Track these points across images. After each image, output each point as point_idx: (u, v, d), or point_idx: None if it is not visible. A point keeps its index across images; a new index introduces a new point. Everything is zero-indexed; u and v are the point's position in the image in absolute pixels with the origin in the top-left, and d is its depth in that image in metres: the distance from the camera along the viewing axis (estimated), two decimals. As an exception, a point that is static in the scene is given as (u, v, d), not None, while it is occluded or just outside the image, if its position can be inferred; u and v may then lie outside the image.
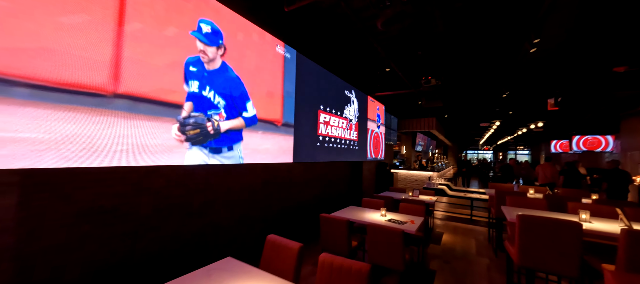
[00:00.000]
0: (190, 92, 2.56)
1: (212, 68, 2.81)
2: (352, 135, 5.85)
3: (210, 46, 2.75)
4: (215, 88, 2.82)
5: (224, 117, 2.92)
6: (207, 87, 2.75)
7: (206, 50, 2.73)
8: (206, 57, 2.74)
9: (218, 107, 2.88)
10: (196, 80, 2.63)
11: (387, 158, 9.59)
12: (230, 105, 2.98)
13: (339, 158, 5.35)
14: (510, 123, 9.84)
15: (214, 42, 2.78)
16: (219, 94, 2.87)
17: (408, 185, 9.72)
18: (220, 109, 2.90)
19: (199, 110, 2.65)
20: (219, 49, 2.86)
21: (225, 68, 2.94)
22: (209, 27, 2.74)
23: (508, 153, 24.05)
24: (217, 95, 2.86)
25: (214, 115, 2.83)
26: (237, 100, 3.07)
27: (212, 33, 2.76)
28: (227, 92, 2.96)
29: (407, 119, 10.11)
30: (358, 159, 6.26)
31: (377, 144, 7.49)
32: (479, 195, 5.97)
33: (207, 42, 2.71)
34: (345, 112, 5.55)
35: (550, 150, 15.02)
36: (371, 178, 7.66)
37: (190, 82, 2.57)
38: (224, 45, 2.90)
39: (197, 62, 2.64)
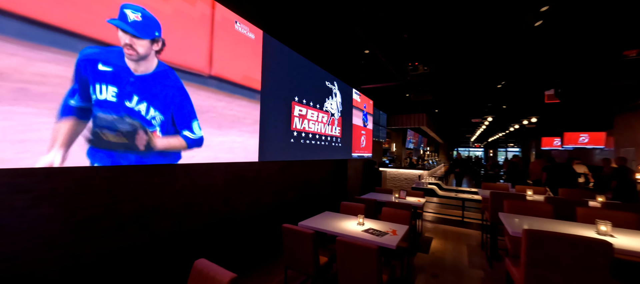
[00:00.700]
0: (99, 101, 1.93)
1: (145, 72, 2.20)
2: (334, 130, 5.32)
3: (140, 38, 2.13)
4: (148, 99, 2.21)
5: (158, 136, 2.31)
6: (134, 96, 2.13)
7: (134, 44, 2.11)
8: (134, 54, 2.12)
9: (152, 125, 2.27)
10: (113, 85, 2.01)
11: (376, 156, 9.12)
12: (168, 123, 2.37)
13: (319, 156, 4.81)
14: (503, 119, 9.49)
15: (146, 32, 2.16)
16: (154, 107, 2.26)
17: (398, 184, 9.28)
18: (156, 127, 2.29)
19: (116, 122, 2.04)
20: (155, 44, 2.24)
21: (167, 74, 2.34)
22: (139, 14, 2.12)
23: (499, 151, 24.06)
24: (152, 109, 2.25)
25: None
26: (181, 117, 2.47)
27: (144, 21, 2.14)
28: (168, 106, 2.35)
29: (397, 115, 9.65)
30: (342, 157, 5.74)
31: (364, 141, 6.98)
32: (470, 195, 5.54)
33: (135, 32, 2.09)
34: (326, 106, 5.01)
35: (540, 147, 14.88)
36: (357, 177, 7.16)
37: (100, 86, 1.94)
38: (163, 40, 2.28)
39: (114, 57, 2.00)
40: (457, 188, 6.74)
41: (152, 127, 2.25)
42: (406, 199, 4.38)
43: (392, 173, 9.37)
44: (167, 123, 2.35)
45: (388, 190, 5.16)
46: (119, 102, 2.03)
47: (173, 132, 2.39)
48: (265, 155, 3.43)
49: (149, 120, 2.23)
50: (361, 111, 6.75)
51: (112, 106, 1.99)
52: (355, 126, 6.40)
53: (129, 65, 2.09)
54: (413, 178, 9.02)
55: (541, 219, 2.44)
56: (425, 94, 5.50)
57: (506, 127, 11.08)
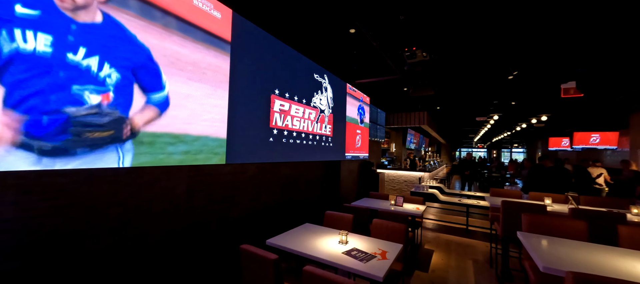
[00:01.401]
0: (21, 53, 1.47)
1: (89, 21, 1.72)
2: (324, 129, 4.79)
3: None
4: (100, 51, 1.74)
5: (111, 98, 1.83)
6: (81, 48, 1.67)
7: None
8: (69, 2, 1.65)
9: (104, 84, 1.79)
10: (47, 33, 1.55)
11: (374, 157, 8.58)
12: (127, 82, 1.89)
13: (305, 158, 4.29)
14: (510, 117, 8.84)
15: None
16: (110, 63, 1.79)
17: (396, 187, 8.74)
18: (109, 88, 1.82)
19: (50, 87, 1.56)
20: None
21: (116, 24, 1.86)
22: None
23: (503, 151, 23.39)
24: (107, 65, 1.78)
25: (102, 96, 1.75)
26: (142, 73, 1.98)
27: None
28: (125, 60, 1.88)
29: (396, 113, 9.10)
30: (334, 158, 5.21)
31: (359, 141, 6.45)
32: (476, 201, 4.99)
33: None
34: (314, 101, 4.48)
35: (547, 148, 14.26)
36: (352, 180, 6.62)
37: (23, 31, 1.48)
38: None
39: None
40: (461, 192, 6.18)
41: (104, 88, 1.79)
42: (403, 206, 3.85)
43: (391, 175, 8.83)
44: (124, 83, 1.90)
45: (384, 196, 4.62)
46: (57, 55, 1.57)
47: (131, 94, 1.91)
48: (235, 156, 2.90)
49: (100, 79, 1.77)
50: (356, 105, 6.22)
51: (44, 62, 1.53)
52: (349, 125, 5.87)
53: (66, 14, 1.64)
54: (413, 181, 8.47)
55: (575, 243, 1.89)
56: (425, 89, 4.95)
57: (513, 126, 10.46)
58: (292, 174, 4.66)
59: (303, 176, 4.97)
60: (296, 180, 4.77)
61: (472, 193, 6.08)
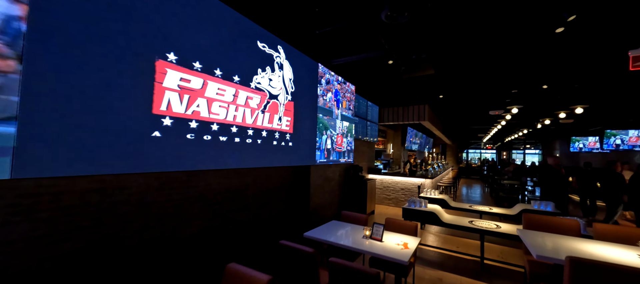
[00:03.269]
0: None
1: None
2: (277, 121, 3.41)
3: None
4: None
5: None
6: None
7: None
8: None
9: None
10: None
11: (365, 160, 7.15)
12: None
13: (244, 162, 2.92)
14: (531, 111, 7.17)
15: None
16: None
17: (392, 196, 7.28)
18: None
19: None
20: None
21: None
22: None
23: (515, 153, 21.58)
24: None
25: None
26: None
27: None
28: None
29: (392, 107, 7.64)
30: (297, 162, 3.82)
31: (340, 139, 5.04)
32: (494, 223, 3.54)
33: None
34: (257, 81, 3.10)
35: (569, 149, 12.60)
36: (331, 190, 5.20)
37: None
38: None
39: None
40: (472, 207, 4.70)
41: None
42: (384, 241, 2.43)
43: (386, 182, 7.38)
44: None
45: (359, 219, 3.20)
46: None
47: None
48: (40, 163, 1.53)
49: None
50: (333, 97, 4.81)
51: None
52: (323, 118, 4.47)
53: None
54: (412, 189, 7.00)
55: None
56: (422, 67, 3.52)
57: (534, 122, 8.85)
58: (232, 186, 3.28)
59: (250, 189, 3.59)
60: (238, 195, 3.39)
61: (484, 208, 4.60)
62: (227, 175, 3.23)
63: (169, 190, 2.62)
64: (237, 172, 3.36)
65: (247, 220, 3.53)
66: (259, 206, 3.73)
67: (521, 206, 4.42)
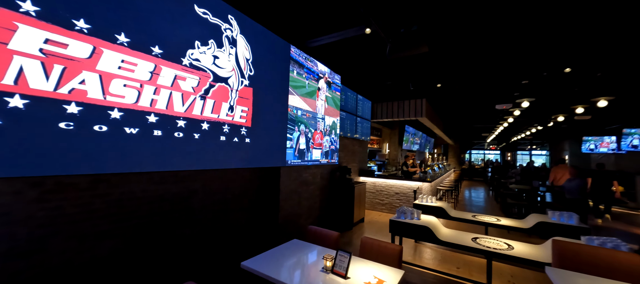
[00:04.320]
0: None
1: None
2: (229, 112, 2.68)
3: None
4: None
5: None
6: None
7: None
8: None
9: None
10: None
11: (355, 161, 6.40)
12: None
13: (167, 165, 2.20)
14: (544, 105, 6.28)
15: None
16: None
17: (385, 201, 6.52)
18: None
19: None
20: None
21: None
22: None
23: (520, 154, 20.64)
24: None
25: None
26: None
27: None
28: None
29: (386, 102, 6.87)
30: (255, 163, 3.09)
31: (319, 137, 4.31)
32: (503, 240, 2.77)
33: None
34: (192, 56, 2.38)
35: (580, 150, 11.74)
36: (309, 196, 4.46)
37: None
38: None
39: None
40: (476, 217, 3.95)
41: None
42: (348, 278, 1.69)
43: (379, 185, 6.62)
44: None
45: (328, 238, 2.48)
46: None
47: None
48: None
49: None
50: (314, 82, 4.08)
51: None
52: (295, 111, 3.74)
53: None
54: (407, 193, 6.24)
55: None
56: (414, 43, 2.78)
57: (545, 119, 7.97)
58: (168, 194, 2.56)
59: (198, 197, 2.86)
60: (178, 204, 2.67)
61: (490, 218, 3.84)
62: (161, 179, 2.51)
63: (58, 201, 1.90)
64: (175, 176, 2.64)
65: (191, 235, 2.80)
66: (211, 217, 3.00)
67: (536, 217, 3.65)
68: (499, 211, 7.17)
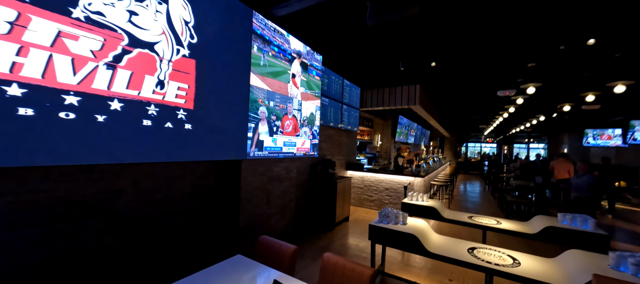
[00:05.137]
0: None
1: None
2: (158, 88, 2.05)
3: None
4: None
5: None
6: None
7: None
8: None
9: None
10: None
11: (342, 154, 5.82)
12: None
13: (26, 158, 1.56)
14: (552, 91, 5.63)
15: None
16: None
17: (374, 198, 5.98)
18: None
19: None
20: None
21: None
22: None
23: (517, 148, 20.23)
24: None
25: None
26: None
27: None
28: None
29: (376, 89, 6.23)
30: (198, 156, 2.48)
31: (291, 125, 3.71)
32: (506, 252, 2.20)
33: None
34: (90, 6, 1.71)
35: (580, 144, 11.30)
36: (279, 194, 3.87)
37: None
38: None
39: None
40: (475, 220, 3.41)
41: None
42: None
43: (368, 180, 6.07)
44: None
45: (280, 254, 1.89)
46: None
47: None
48: None
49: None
50: (285, 60, 3.43)
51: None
52: (261, 89, 3.11)
53: None
54: (398, 189, 5.70)
55: None
56: (403, 3, 2.15)
57: (550, 109, 7.34)
58: (77, 194, 1.95)
59: (127, 197, 2.25)
60: (97, 207, 2.05)
61: (493, 222, 3.30)
62: (62, 175, 1.89)
63: None
64: (86, 171, 2.02)
65: (117, 246, 2.21)
66: (147, 223, 2.40)
67: (542, 220, 3.11)
68: (497, 208, 6.69)
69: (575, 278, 1.82)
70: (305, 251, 3.53)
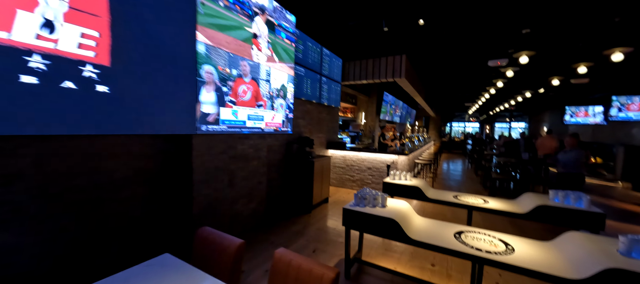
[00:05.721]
0: None
1: None
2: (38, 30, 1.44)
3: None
4: None
5: None
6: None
7: None
8: None
9: None
10: None
11: (322, 131, 5.38)
12: None
13: None
14: (541, 63, 5.32)
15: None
16: None
17: (357, 177, 5.66)
18: None
19: None
20: None
21: None
22: None
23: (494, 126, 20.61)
24: None
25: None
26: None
27: None
28: None
29: (359, 60, 5.71)
30: (120, 130, 1.93)
31: (249, 91, 3.18)
32: (497, 236, 1.86)
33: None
34: None
35: (561, 122, 11.44)
36: (245, 176, 3.41)
37: None
38: None
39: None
40: (460, 199, 3.12)
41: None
42: None
43: (350, 159, 5.71)
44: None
45: (222, 249, 1.44)
46: None
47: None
48: None
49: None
50: (246, 19, 2.84)
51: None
52: (208, 48, 2.54)
53: None
54: (381, 168, 5.39)
55: None
56: None
57: (539, 83, 7.08)
58: None
59: (25, 180, 1.72)
60: None
61: (480, 201, 3.03)
62: None
63: None
64: None
65: (16, 246, 1.70)
66: (64, 214, 1.89)
67: (532, 198, 2.86)
68: (480, 186, 6.60)
69: (581, 268, 1.52)
70: (276, 238, 3.15)
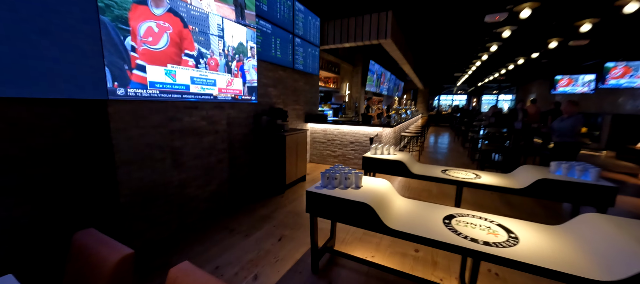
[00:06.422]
0: None
1: None
2: None
3: None
4: None
5: None
6: None
7: None
8: None
9: None
10: None
11: (299, 102, 4.79)
12: None
13: None
14: (542, 19, 4.75)
15: None
16: None
17: (338, 152, 5.21)
18: None
19: None
20: None
21: None
22: None
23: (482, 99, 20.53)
24: None
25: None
26: None
27: None
28: None
29: (340, 19, 4.96)
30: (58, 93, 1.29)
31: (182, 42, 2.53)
32: (495, 219, 1.43)
33: None
34: None
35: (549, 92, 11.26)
36: (196, 155, 2.86)
37: None
38: None
39: None
40: (447, 175, 2.71)
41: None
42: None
43: (330, 133, 5.21)
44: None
45: (92, 259, 0.89)
46: None
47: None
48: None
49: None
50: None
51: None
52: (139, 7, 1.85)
53: None
54: (365, 143, 4.94)
55: None
56: None
57: (536, 46, 6.58)
58: None
59: None
60: None
61: (471, 175, 2.63)
62: None
63: None
64: None
65: None
66: None
67: (530, 172, 2.48)
68: (468, 158, 6.34)
69: (613, 264, 1.13)
70: (237, 226, 2.69)
